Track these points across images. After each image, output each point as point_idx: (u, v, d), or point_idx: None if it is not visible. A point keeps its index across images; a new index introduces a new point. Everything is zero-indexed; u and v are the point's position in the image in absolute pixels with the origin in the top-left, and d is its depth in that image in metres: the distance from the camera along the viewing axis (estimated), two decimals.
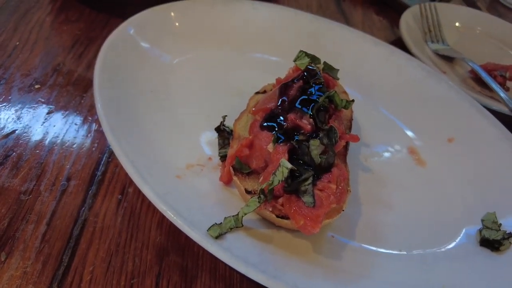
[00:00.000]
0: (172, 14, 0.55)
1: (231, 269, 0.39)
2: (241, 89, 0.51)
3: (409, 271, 0.38)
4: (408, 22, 0.74)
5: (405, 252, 0.40)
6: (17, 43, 0.61)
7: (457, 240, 0.43)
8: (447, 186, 0.48)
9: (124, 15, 0.55)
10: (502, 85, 0.65)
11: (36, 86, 0.55)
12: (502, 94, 0.60)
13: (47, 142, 0.48)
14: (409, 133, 0.53)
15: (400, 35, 0.69)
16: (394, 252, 0.40)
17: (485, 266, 0.40)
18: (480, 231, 0.44)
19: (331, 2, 0.82)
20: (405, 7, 0.81)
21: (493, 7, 1.01)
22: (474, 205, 0.46)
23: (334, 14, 0.79)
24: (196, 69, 0.54)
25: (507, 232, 0.43)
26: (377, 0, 0.84)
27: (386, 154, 0.50)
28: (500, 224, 0.44)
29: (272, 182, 0.35)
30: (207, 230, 0.34)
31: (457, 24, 0.78)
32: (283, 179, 0.35)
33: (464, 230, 0.44)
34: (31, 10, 0.67)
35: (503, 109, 0.59)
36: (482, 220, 0.45)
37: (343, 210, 0.37)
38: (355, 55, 0.59)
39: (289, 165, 0.35)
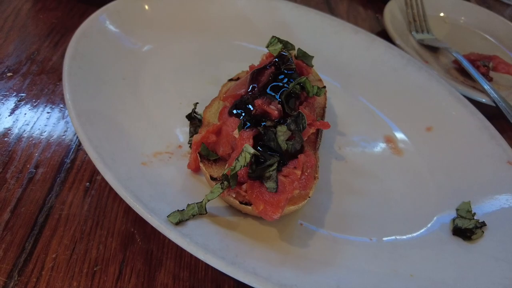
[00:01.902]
0: (145, 2, 0.55)
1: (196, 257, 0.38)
2: (216, 76, 0.51)
3: (378, 259, 0.38)
4: (393, 12, 0.73)
5: (375, 240, 0.40)
6: None
7: (429, 229, 0.42)
8: (422, 175, 0.47)
9: (102, 4, 0.55)
10: (485, 75, 0.64)
11: (9, 74, 0.54)
12: (484, 84, 0.60)
13: (16, 129, 0.47)
14: (387, 122, 0.53)
15: (384, 21, 0.68)
16: (363, 240, 0.40)
17: (456, 255, 0.40)
18: (454, 220, 0.44)
19: None
20: None
21: (483, 0, 1.00)
22: (450, 194, 0.46)
23: (319, 4, 0.78)
24: (170, 57, 0.53)
25: (479, 221, 0.42)
26: None
27: (362, 143, 0.50)
28: (474, 213, 0.44)
29: (235, 167, 0.35)
30: (167, 216, 0.34)
31: (441, 14, 0.77)
32: (246, 164, 0.35)
33: (436, 219, 0.44)
34: None
35: (485, 99, 0.59)
36: (457, 210, 0.45)
37: (309, 197, 0.37)
38: (334, 44, 0.59)
39: (252, 150, 0.34)
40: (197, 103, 0.47)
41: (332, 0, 0.79)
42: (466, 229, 0.42)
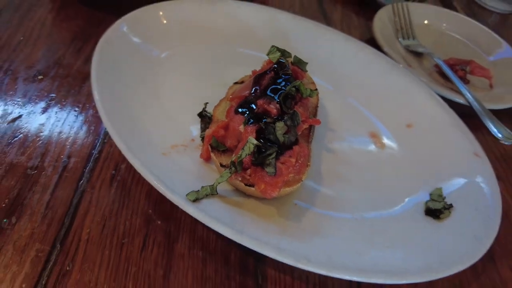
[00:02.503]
0: (161, 13, 0.62)
1: (207, 231, 0.46)
2: (223, 80, 0.58)
3: (359, 232, 0.46)
4: (383, 20, 0.81)
5: (357, 216, 0.48)
6: (21, 38, 0.68)
7: (403, 207, 0.50)
8: (401, 165, 0.55)
9: (118, 13, 0.62)
10: (463, 78, 0.72)
11: (39, 77, 0.62)
12: (460, 86, 0.68)
13: (49, 125, 0.55)
14: (372, 120, 0.60)
15: (372, 28, 0.76)
16: (347, 216, 0.47)
17: (426, 231, 0.47)
18: (427, 202, 0.51)
19: (313, 1, 0.89)
20: (382, 6, 0.88)
21: (468, 7, 1.08)
22: (424, 181, 0.53)
23: (315, 13, 0.86)
24: (183, 62, 0.61)
25: (447, 203, 0.50)
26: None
27: (349, 138, 0.57)
28: (444, 197, 0.51)
29: (241, 155, 0.42)
30: (186, 195, 0.42)
31: (425, 21, 0.85)
32: (250, 153, 0.42)
33: (408, 200, 0.51)
34: (33, 8, 0.74)
35: (461, 100, 0.67)
36: (430, 194, 0.52)
37: (302, 180, 0.44)
38: (327, 50, 0.66)
39: (255, 142, 0.42)
40: (207, 103, 0.55)
41: (327, 9, 0.87)
42: (436, 210, 0.49)
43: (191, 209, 0.39)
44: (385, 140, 0.58)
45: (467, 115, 0.65)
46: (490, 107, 0.67)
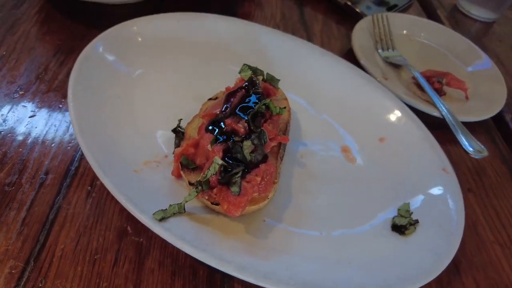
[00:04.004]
0: (135, 28, 0.64)
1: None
2: (200, 95, 0.60)
3: (324, 250, 0.47)
4: (363, 31, 0.82)
5: (325, 234, 0.49)
6: (4, 53, 0.69)
7: (372, 225, 0.52)
8: (370, 180, 0.57)
9: (99, 26, 0.64)
10: (439, 90, 0.73)
11: (21, 93, 0.63)
12: (435, 99, 0.69)
13: (29, 141, 0.57)
14: (344, 134, 0.62)
15: (351, 39, 0.78)
16: (315, 233, 0.49)
17: (390, 247, 0.49)
18: (393, 218, 0.53)
19: (294, 12, 0.91)
20: (363, 17, 0.90)
21: (452, 15, 1.09)
22: (393, 196, 0.55)
23: (295, 24, 0.87)
24: (159, 78, 0.62)
25: (413, 219, 0.52)
26: (337, 9, 0.92)
27: (321, 152, 0.59)
28: (412, 212, 0.53)
29: (206, 175, 0.44)
30: (153, 214, 0.43)
31: (404, 31, 0.86)
32: (215, 173, 0.44)
33: (380, 216, 0.53)
34: (17, 21, 0.76)
35: (435, 113, 0.68)
36: (398, 209, 0.54)
37: (268, 198, 0.46)
38: (304, 65, 0.67)
39: (220, 162, 0.44)
40: (181, 119, 0.57)
41: (308, 20, 0.88)
42: (401, 226, 0.51)
43: (157, 228, 0.41)
44: (356, 155, 0.59)
45: (442, 127, 0.67)
46: (463, 119, 0.68)
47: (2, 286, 0.42)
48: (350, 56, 0.78)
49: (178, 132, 0.56)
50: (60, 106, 0.62)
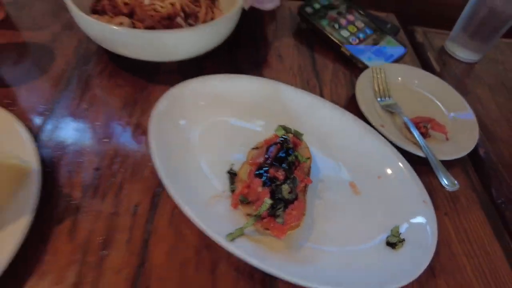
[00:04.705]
0: (189, 88, 0.86)
1: (238, 259, 0.72)
2: (245, 144, 0.84)
3: (339, 261, 0.71)
4: (364, 82, 1.07)
5: (340, 250, 0.74)
6: (86, 106, 0.93)
7: (372, 242, 0.76)
8: (371, 209, 0.81)
9: (157, 80, 0.89)
10: (424, 134, 0.98)
11: (105, 140, 0.87)
12: (420, 142, 0.94)
13: (119, 179, 0.81)
14: (351, 173, 0.86)
15: (355, 92, 1.02)
16: (332, 249, 0.73)
17: (385, 257, 0.73)
18: (387, 237, 0.77)
19: (308, 62, 1.15)
20: (365, 65, 1.15)
21: (440, 57, 1.34)
22: (388, 221, 0.79)
23: (310, 73, 1.11)
24: (213, 130, 0.86)
25: (401, 238, 0.76)
26: (345, 59, 1.17)
27: (334, 188, 0.83)
28: (400, 233, 0.77)
29: (260, 211, 0.69)
30: (226, 236, 0.68)
31: (399, 79, 1.11)
32: (266, 209, 0.68)
33: (378, 237, 0.77)
34: (90, 77, 1.00)
35: (421, 153, 0.93)
36: (391, 230, 0.78)
37: (299, 226, 0.71)
38: (318, 118, 0.92)
39: (270, 201, 0.68)
40: (233, 164, 0.81)
41: (319, 69, 1.13)
42: (393, 243, 0.75)
43: (231, 247, 0.65)
44: (361, 189, 0.84)
45: (426, 164, 0.92)
46: (443, 158, 0.93)
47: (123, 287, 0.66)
48: (354, 101, 1.02)
49: (231, 173, 0.80)
50: (139, 150, 0.86)
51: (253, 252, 0.66)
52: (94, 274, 0.67)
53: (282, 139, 0.77)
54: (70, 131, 0.86)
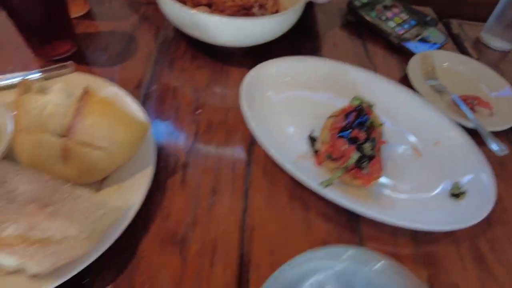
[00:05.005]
0: (269, 66, 1.00)
1: (327, 205, 0.85)
2: (323, 112, 0.97)
3: (412, 205, 0.84)
4: (415, 65, 1.20)
5: (410, 196, 0.86)
6: (174, 85, 1.07)
7: (438, 193, 0.88)
8: (433, 167, 0.94)
9: (233, 63, 1.04)
10: (471, 109, 1.10)
11: (198, 112, 1.01)
12: (469, 115, 1.06)
13: (216, 142, 0.94)
14: (413, 139, 0.99)
15: (407, 74, 1.15)
16: (404, 196, 0.86)
17: (450, 206, 0.86)
18: (450, 189, 0.90)
19: (360, 50, 1.29)
20: (411, 53, 1.27)
21: (475, 46, 1.46)
22: (449, 177, 0.92)
23: (363, 58, 1.24)
24: (293, 102, 0.99)
25: (462, 190, 0.89)
26: (393, 47, 1.30)
27: (400, 150, 0.96)
28: (461, 187, 0.90)
29: (348, 163, 0.82)
30: (319, 183, 0.81)
31: (444, 64, 1.24)
32: (354, 162, 0.81)
33: (443, 189, 0.90)
34: (173, 60, 1.14)
35: (470, 124, 1.05)
36: (452, 184, 0.91)
37: (379, 178, 0.83)
38: (381, 94, 1.04)
39: (358, 154, 0.81)
40: (313, 129, 0.94)
41: (371, 56, 1.26)
42: (455, 194, 0.88)
43: (324, 192, 0.78)
44: (421, 151, 0.97)
45: (475, 135, 1.04)
46: (490, 129, 1.05)
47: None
48: (405, 82, 1.15)
49: (312, 138, 0.93)
50: (229, 118, 0.99)
51: (342, 196, 0.79)
52: (207, 217, 0.79)
53: (359, 107, 0.90)
54: (164, 106, 1.00)
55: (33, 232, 0.57)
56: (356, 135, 0.84)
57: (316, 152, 0.89)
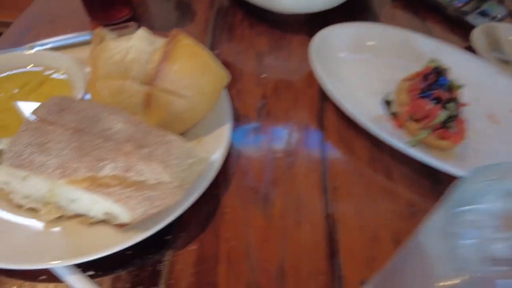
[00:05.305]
0: (334, 31, 0.97)
1: (402, 161, 0.80)
2: (392, 77, 0.93)
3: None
4: (478, 36, 1.15)
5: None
6: (237, 49, 1.03)
7: None
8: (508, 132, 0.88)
9: (291, 30, 1.02)
10: None
11: (262, 76, 0.97)
12: None
13: (285, 105, 0.90)
14: (490, 106, 0.94)
15: (471, 45, 1.10)
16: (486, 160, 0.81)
17: None
18: None
19: (418, 23, 1.24)
20: (471, 25, 1.22)
21: None
22: None
23: (422, 30, 1.20)
24: (361, 63, 0.96)
25: None
26: (451, 20, 1.25)
27: (477, 118, 0.91)
28: None
29: (435, 122, 0.77)
30: (406, 143, 0.76)
31: (510, 38, 1.19)
32: (442, 120, 0.77)
33: None
34: (232, 27, 1.10)
35: None
36: None
37: (463, 139, 0.79)
38: (450, 61, 1.00)
39: (447, 113, 0.77)
40: (389, 93, 0.90)
41: (430, 28, 1.21)
42: None
43: (411, 152, 0.74)
44: (498, 119, 0.92)
45: None
46: None
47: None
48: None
49: (387, 101, 0.89)
50: (297, 80, 0.95)
51: (427, 156, 0.74)
52: (287, 176, 0.75)
53: (437, 69, 0.85)
54: (229, 70, 0.97)
55: (129, 173, 0.54)
56: (439, 95, 0.79)
57: (393, 114, 0.84)
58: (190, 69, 0.65)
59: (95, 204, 0.56)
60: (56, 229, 0.60)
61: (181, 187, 0.59)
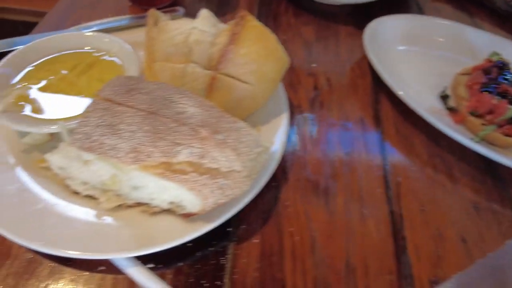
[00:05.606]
0: (384, 22, 0.94)
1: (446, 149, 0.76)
2: (447, 71, 0.89)
3: None
4: None
5: None
6: (284, 37, 0.99)
7: None
8: None
9: (337, 21, 0.98)
10: None
11: (313, 65, 0.93)
12: None
13: (337, 96, 0.86)
14: None
15: None
16: None
17: None
18: None
19: (465, 16, 1.19)
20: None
21: None
22: None
23: (469, 24, 1.16)
24: (420, 57, 0.92)
25: None
26: (498, 14, 1.21)
27: None
28: None
29: (503, 117, 0.73)
30: (472, 138, 0.72)
31: None
32: (510, 116, 0.73)
33: None
34: (278, 15, 1.06)
35: None
36: None
37: None
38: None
39: None
40: (446, 86, 0.86)
41: (477, 22, 1.17)
42: None
43: (477, 147, 0.70)
44: None
45: None
46: None
47: None
48: None
49: (443, 96, 0.85)
50: (348, 72, 0.92)
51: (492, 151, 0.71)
52: (346, 170, 0.72)
53: (500, 62, 0.81)
54: None
55: (204, 160, 0.50)
56: (505, 90, 0.75)
57: (450, 109, 0.80)
58: (256, 53, 0.61)
59: (163, 192, 0.53)
60: (116, 218, 0.56)
61: (249, 176, 0.56)
